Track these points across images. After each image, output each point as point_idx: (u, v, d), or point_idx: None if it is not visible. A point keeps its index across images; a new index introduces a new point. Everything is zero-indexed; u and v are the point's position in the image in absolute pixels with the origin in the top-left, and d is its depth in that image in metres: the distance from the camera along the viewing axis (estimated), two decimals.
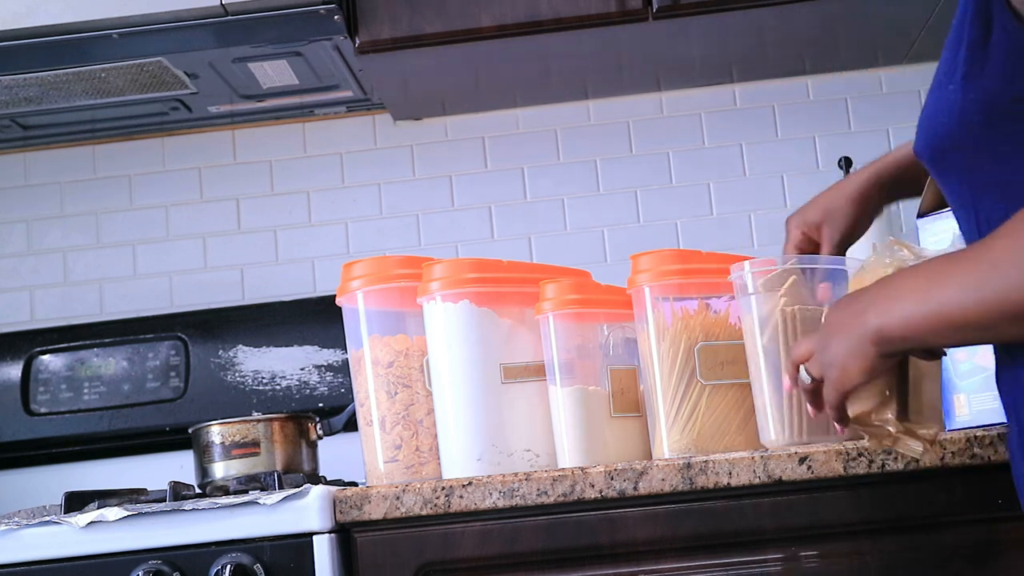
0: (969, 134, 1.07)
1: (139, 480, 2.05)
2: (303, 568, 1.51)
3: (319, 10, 1.92)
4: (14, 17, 1.89)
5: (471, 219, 2.37)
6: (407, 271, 1.70)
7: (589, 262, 2.23)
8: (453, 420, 1.62)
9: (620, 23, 2.00)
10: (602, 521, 1.51)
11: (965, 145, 1.07)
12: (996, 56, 1.04)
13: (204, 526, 1.54)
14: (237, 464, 1.82)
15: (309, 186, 2.40)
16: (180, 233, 2.39)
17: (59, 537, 1.55)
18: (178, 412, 2.21)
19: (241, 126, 2.41)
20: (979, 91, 1.05)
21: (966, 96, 1.06)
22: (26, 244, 2.41)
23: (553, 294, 1.64)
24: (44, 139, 2.37)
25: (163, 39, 1.94)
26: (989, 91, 1.05)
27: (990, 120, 1.05)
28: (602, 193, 2.37)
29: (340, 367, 2.19)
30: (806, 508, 1.49)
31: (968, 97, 1.06)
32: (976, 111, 1.06)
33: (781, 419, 1.51)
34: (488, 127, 2.39)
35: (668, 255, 1.63)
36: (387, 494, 1.52)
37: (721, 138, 2.38)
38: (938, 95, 1.11)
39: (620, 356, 1.67)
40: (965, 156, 1.08)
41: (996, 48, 1.04)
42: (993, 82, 1.04)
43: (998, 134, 1.05)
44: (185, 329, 2.26)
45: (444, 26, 2.00)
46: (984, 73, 1.05)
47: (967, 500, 1.47)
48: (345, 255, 2.35)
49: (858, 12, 2.07)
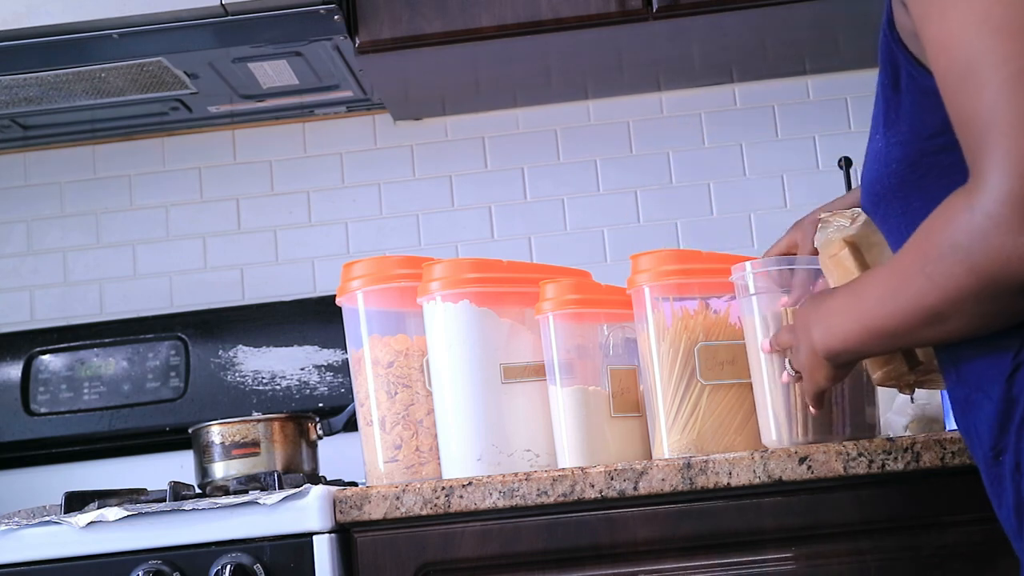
0: (896, 177, 1.13)
1: (139, 480, 2.05)
2: (303, 568, 1.51)
3: (319, 10, 1.92)
4: (14, 17, 1.89)
5: (471, 219, 2.37)
6: (407, 271, 1.70)
7: (589, 262, 2.23)
8: (453, 420, 1.62)
9: (620, 23, 2.00)
10: (602, 521, 1.51)
11: (895, 189, 1.13)
12: (906, 100, 1.11)
13: (204, 526, 1.54)
14: (237, 464, 1.82)
15: (309, 186, 2.40)
16: (180, 233, 2.39)
17: (59, 537, 1.55)
18: (178, 412, 2.21)
19: (241, 126, 2.41)
20: (898, 135, 1.12)
21: (888, 142, 1.13)
22: (26, 244, 2.41)
23: (553, 294, 1.64)
24: (44, 139, 2.37)
25: (163, 39, 1.94)
26: (906, 135, 1.11)
27: (912, 161, 1.11)
28: (602, 193, 2.37)
29: (340, 367, 2.19)
30: (806, 508, 1.49)
31: (891, 142, 1.13)
32: (899, 153, 1.12)
33: (781, 419, 1.51)
34: (488, 127, 2.39)
35: (668, 255, 1.63)
36: (387, 494, 1.52)
37: (721, 138, 2.38)
38: (869, 148, 1.18)
39: (620, 356, 1.67)
40: (897, 200, 1.14)
41: (905, 92, 1.11)
42: (908, 124, 1.11)
43: (921, 171, 1.11)
44: (185, 329, 2.26)
45: (444, 26, 2.00)
46: (899, 118, 1.11)
47: (967, 500, 1.47)
48: (345, 255, 2.35)
49: (858, 12, 2.07)
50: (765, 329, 1.52)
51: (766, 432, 1.54)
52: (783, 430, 1.52)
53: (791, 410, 1.51)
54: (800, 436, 1.51)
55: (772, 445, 1.53)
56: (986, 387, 1.08)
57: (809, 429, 1.51)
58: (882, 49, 1.14)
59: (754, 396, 1.56)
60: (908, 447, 1.46)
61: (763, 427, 1.54)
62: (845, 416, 1.54)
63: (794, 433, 1.52)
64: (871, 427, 1.57)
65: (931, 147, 1.09)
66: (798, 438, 1.51)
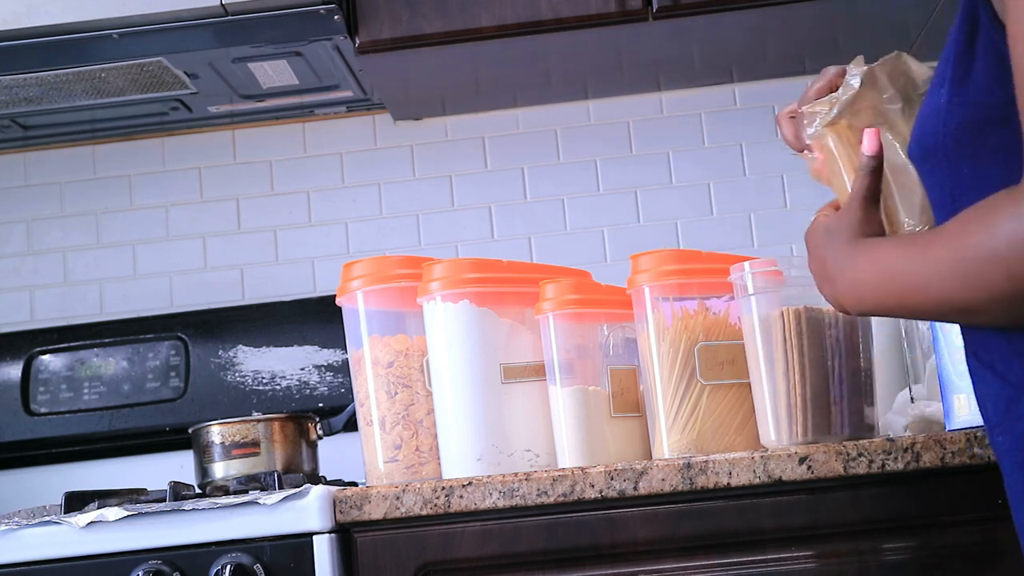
0: (951, 138, 1.09)
1: (139, 480, 2.05)
2: (303, 568, 1.51)
3: (319, 10, 1.92)
4: (14, 17, 1.89)
5: (471, 219, 2.37)
6: (407, 271, 1.70)
7: (589, 262, 2.23)
8: (453, 420, 1.62)
9: (620, 23, 2.00)
10: (602, 521, 1.51)
11: (947, 148, 1.10)
12: (980, 63, 1.07)
13: (204, 526, 1.54)
14: (237, 464, 1.82)
15: (309, 186, 2.40)
16: (180, 233, 2.39)
17: (59, 537, 1.55)
18: (178, 412, 2.21)
19: (241, 126, 2.41)
20: (963, 96, 1.08)
21: (951, 101, 1.09)
22: (26, 244, 2.41)
23: (553, 294, 1.64)
24: (44, 139, 2.37)
25: (163, 39, 1.94)
26: (972, 97, 1.07)
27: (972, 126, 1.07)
28: (602, 193, 2.37)
29: (340, 367, 2.19)
30: (806, 508, 1.49)
31: (954, 102, 1.09)
32: (960, 116, 1.08)
33: (781, 419, 1.52)
34: (488, 127, 2.39)
35: (668, 255, 1.63)
36: (387, 494, 1.52)
37: (721, 138, 2.38)
38: (929, 99, 1.14)
39: (620, 356, 1.67)
40: (947, 159, 1.10)
41: (981, 55, 1.07)
42: (976, 88, 1.07)
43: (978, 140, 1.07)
44: (185, 329, 2.26)
45: (444, 26, 2.00)
46: (969, 79, 1.07)
47: (967, 500, 1.47)
48: (345, 255, 2.34)
49: (858, 12, 2.07)
50: (764, 330, 1.52)
51: (766, 432, 1.54)
52: (783, 430, 1.52)
53: (791, 410, 1.52)
54: (800, 436, 1.51)
55: (772, 445, 1.53)
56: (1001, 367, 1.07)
57: (809, 429, 1.51)
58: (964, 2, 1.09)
59: (754, 396, 1.56)
60: (908, 447, 1.46)
61: (763, 427, 1.54)
62: (845, 416, 1.54)
63: (794, 433, 1.52)
64: (871, 427, 1.57)
65: (995, 117, 1.06)
66: (798, 438, 1.51)
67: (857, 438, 1.52)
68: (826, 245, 1.22)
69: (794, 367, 1.51)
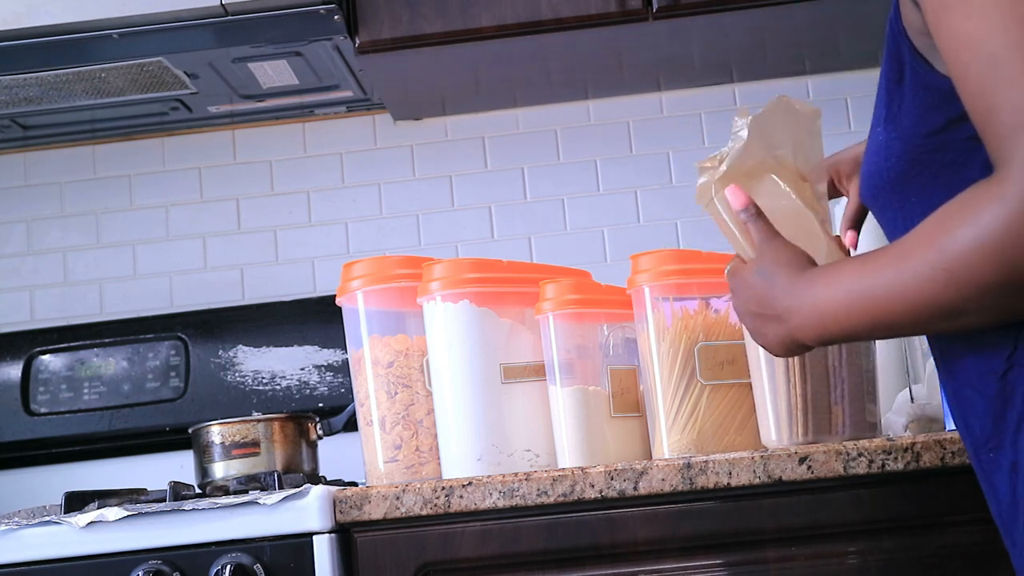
0: (895, 172, 1.11)
1: (139, 480, 2.05)
2: (303, 568, 1.51)
3: (319, 10, 1.92)
4: (14, 17, 1.89)
5: (471, 219, 2.37)
6: (407, 271, 1.70)
7: (589, 262, 2.23)
8: (453, 420, 1.62)
9: (620, 23, 2.00)
10: (602, 521, 1.51)
11: (892, 183, 1.12)
12: (909, 96, 1.09)
13: (204, 526, 1.54)
14: (237, 464, 1.82)
15: (309, 186, 2.40)
16: (180, 233, 2.39)
17: (59, 537, 1.55)
18: (178, 412, 2.21)
19: (241, 126, 2.41)
20: (899, 131, 1.10)
21: (889, 137, 1.11)
22: (26, 244, 2.41)
23: (553, 294, 1.64)
24: (44, 139, 2.37)
25: (163, 39, 1.94)
26: (908, 130, 1.09)
27: (911, 157, 1.09)
28: (602, 193, 2.37)
29: (340, 367, 2.19)
30: (806, 508, 1.49)
31: (892, 137, 1.11)
32: (899, 149, 1.10)
33: (781, 419, 1.52)
34: (488, 127, 2.39)
35: (668, 255, 1.63)
36: (387, 494, 1.52)
37: (721, 138, 2.37)
38: (870, 138, 1.16)
39: (620, 356, 1.67)
40: (895, 193, 1.12)
41: (909, 89, 1.09)
42: (910, 120, 1.09)
43: (920, 170, 1.09)
44: (185, 329, 2.26)
45: (444, 26, 2.00)
46: (901, 112, 1.10)
47: (967, 500, 1.47)
48: (345, 255, 2.34)
49: (858, 12, 2.07)
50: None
51: (766, 432, 1.54)
52: (783, 430, 1.52)
53: (791, 410, 1.51)
54: (800, 436, 1.51)
55: (772, 445, 1.53)
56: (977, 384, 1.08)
57: (809, 429, 1.51)
58: (888, 42, 1.13)
59: (754, 396, 1.56)
60: (908, 447, 1.46)
61: (763, 427, 1.54)
62: (845, 416, 1.54)
63: (794, 433, 1.52)
64: (872, 426, 1.57)
65: (931, 144, 1.08)
66: (798, 438, 1.51)
67: (857, 438, 1.52)
68: (766, 287, 1.19)
69: (794, 367, 1.51)
